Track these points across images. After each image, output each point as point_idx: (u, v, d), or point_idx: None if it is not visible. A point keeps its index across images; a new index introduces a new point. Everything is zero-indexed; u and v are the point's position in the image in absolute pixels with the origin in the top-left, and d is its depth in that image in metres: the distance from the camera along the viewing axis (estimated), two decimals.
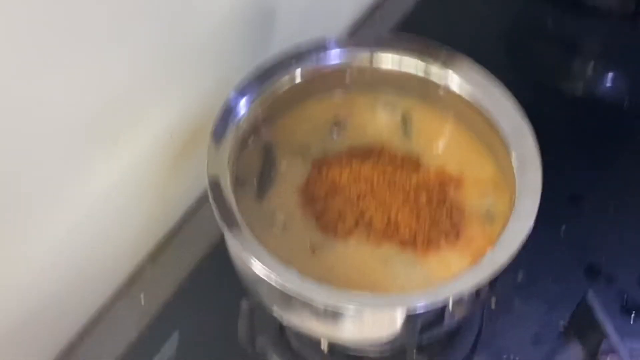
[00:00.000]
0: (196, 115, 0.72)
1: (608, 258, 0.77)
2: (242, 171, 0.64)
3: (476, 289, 0.58)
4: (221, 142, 0.62)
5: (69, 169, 0.62)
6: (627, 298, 0.74)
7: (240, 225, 0.58)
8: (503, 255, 0.57)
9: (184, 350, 0.70)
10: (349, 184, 0.64)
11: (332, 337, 0.61)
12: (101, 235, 0.69)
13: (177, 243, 0.78)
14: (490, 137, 0.66)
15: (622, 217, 0.80)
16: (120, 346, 0.71)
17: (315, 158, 0.67)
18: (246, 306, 0.67)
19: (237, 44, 0.74)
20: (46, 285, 0.66)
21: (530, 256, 0.73)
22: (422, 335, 0.60)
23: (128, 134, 0.66)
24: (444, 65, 0.67)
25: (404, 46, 0.68)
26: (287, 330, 0.70)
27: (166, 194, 0.75)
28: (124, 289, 0.75)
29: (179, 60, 0.68)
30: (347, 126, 0.69)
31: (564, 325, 0.72)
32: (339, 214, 0.63)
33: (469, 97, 0.66)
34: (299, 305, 0.58)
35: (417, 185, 0.64)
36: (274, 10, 0.77)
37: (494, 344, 0.72)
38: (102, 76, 0.60)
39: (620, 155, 0.86)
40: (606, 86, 0.94)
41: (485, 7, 0.99)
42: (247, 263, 0.57)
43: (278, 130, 0.68)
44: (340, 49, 0.68)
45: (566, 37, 0.97)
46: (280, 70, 0.66)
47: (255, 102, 0.65)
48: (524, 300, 0.74)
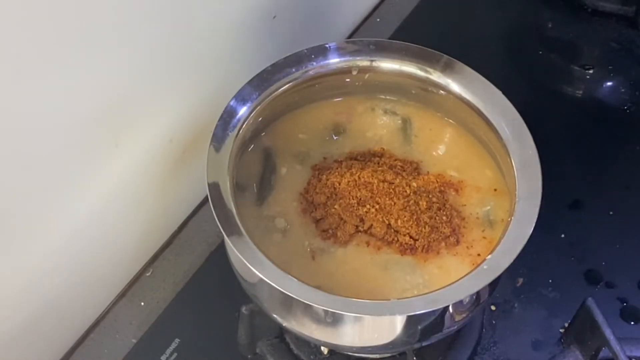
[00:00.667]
0: (196, 121, 0.72)
1: (608, 264, 0.77)
2: (242, 177, 0.64)
3: (476, 295, 0.59)
4: (221, 147, 0.62)
5: (69, 174, 0.62)
6: (627, 304, 0.74)
7: (240, 231, 0.58)
8: (503, 261, 0.57)
9: (184, 356, 0.70)
10: (349, 189, 0.64)
11: (331, 342, 0.61)
12: (101, 241, 0.69)
13: (177, 248, 0.78)
14: (490, 143, 0.66)
15: (622, 223, 0.80)
16: (120, 352, 0.71)
17: (315, 164, 0.67)
18: (246, 311, 0.67)
19: (238, 51, 0.75)
20: (46, 291, 0.66)
21: (530, 262, 0.74)
22: (422, 340, 0.60)
23: (128, 139, 0.66)
24: (443, 71, 0.67)
25: (404, 52, 0.68)
26: (287, 336, 0.70)
27: (166, 199, 0.75)
28: (124, 294, 0.75)
29: (180, 65, 0.68)
30: (347, 132, 0.70)
31: (563, 331, 0.72)
32: (339, 219, 0.63)
33: (469, 102, 0.66)
34: (298, 311, 0.58)
35: (417, 190, 0.64)
36: (275, 17, 0.77)
37: (493, 350, 0.72)
38: (102, 81, 0.60)
39: (621, 160, 0.86)
40: (606, 90, 0.94)
41: (484, 11, 1.00)
42: (247, 269, 0.57)
43: (278, 136, 0.68)
44: (340, 55, 0.68)
45: (566, 41, 0.98)
46: (281, 76, 0.66)
47: (255, 108, 0.65)
48: (523, 305, 0.74)
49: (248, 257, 0.56)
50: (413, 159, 0.68)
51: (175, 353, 0.70)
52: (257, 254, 0.57)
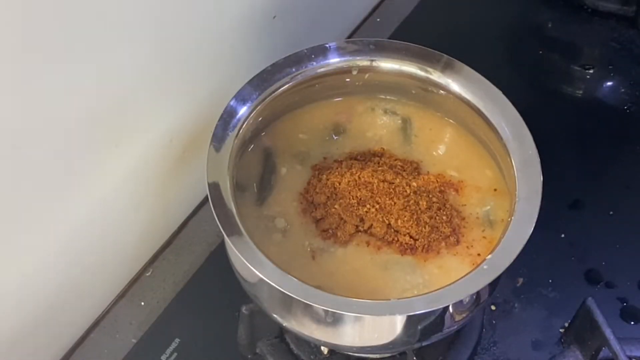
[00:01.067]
0: (196, 120, 0.72)
1: (608, 264, 0.77)
2: (242, 177, 0.64)
3: (476, 295, 0.59)
4: (221, 147, 0.62)
5: (69, 174, 0.62)
6: (627, 304, 0.74)
7: (240, 231, 0.58)
8: (503, 261, 0.57)
9: (184, 356, 0.70)
10: (349, 189, 0.64)
11: (331, 342, 0.61)
12: (101, 241, 0.69)
13: (177, 248, 0.78)
14: (490, 143, 0.66)
15: (622, 223, 0.80)
16: (120, 352, 0.71)
17: (315, 163, 0.67)
18: (246, 311, 0.67)
19: (238, 51, 0.75)
20: (46, 291, 0.66)
21: (530, 262, 0.74)
22: (422, 340, 0.60)
23: (128, 139, 0.66)
24: (443, 71, 0.67)
25: (404, 52, 0.68)
26: (287, 336, 0.70)
27: (166, 199, 0.75)
28: (124, 294, 0.75)
29: (180, 65, 0.68)
30: (347, 132, 0.70)
31: (563, 331, 0.72)
32: (339, 219, 0.63)
33: (469, 102, 0.66)
34: (298, 311, 0.58)
35: (417, 190, 0.64)
36: (275, 17, 0.77)
37: (493, 350, 0.72)
38: (102, 81, 0.60)
39: (621, 160, 0.86)
40: (606, 90, 0.94)
41: (484, 11, 1.00)
42: (247, 269, 0.57)
43: (278, 135, 0.68)
44: (340, 55, 0.68)
45: (566, 41, 0.97)
46: (281, 76, 0.66)
47: (255, 108, 0.65)
48: (523, 305, 0.74)
49: (248, 257, 0.56)
50: (413, 158, 0.68)
51: (175, 353, 0.70)
52: (257, 254, 0.57)
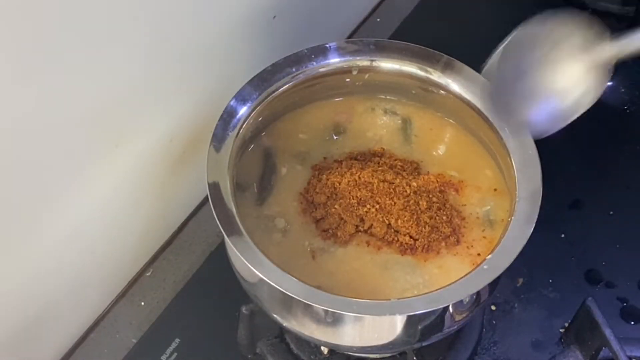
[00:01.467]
0: (196, 120, 0.72)
1: (608, 264, 0.77)
2: (242, 177, 0.64)
3: (476, 295, 0.59)
4: (221, 147, 0.62)
5: (69, 173, 0.62)
6: (627, 304, 0.74)
7: (241, 231, 0.58)
8: (503, 261, 0.57)
9: (184, 356, 0.70)
10: (349, 189, 0.64)
11: (332, 342, 0.61)
12: (101, 241, 0.69)
13: (177, 248, 0.78)
14: (490, 143, 0.66)
15: (622, 223, 0.80)
16: (120, 352, 0.71)
17: (315, 163, 0.67)
18: (246, 311, 0.67)
19: (238, 51, 0.75)
20: (46, 291, 0.66)
21: (530, 262, 0.74)
22: (422, 340, 0.60)
23: (128, 139, 0.66)
24: (443, 71, 0.67)
25: (404, 52, 0.68)
26: (287, 336, 0.70)
27: (166, 199, 0.75)
28: (124, 294, 0.75)
29: (180, 65, 0.68)
30: (347, 132, 0.70)
31: (563, 331, 0.72)
32: (339, 219, 0.63)
33: (469, 102, 0.66)
34: (299, 311, 0.58)
35: (417, 190, 0.64)
36: (275, 17, 0.77)
37: (493, 350, 0.72)
38: (102, 81, 0.60)
39: (621, 160, 0.86)
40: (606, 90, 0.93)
41: (484, 11, 0.99)
42: (247, 269, 0.57)
43: (278, 135, 0.68)
44: (340, 55, 0.68)
45: None
46: (281, 76, 0.66)
47: (255, 108, 0.65)
48: (523, 305, 0.74)
49: (248, 257, 0.56)
50: (413, 158, 0.68)
51: (175, 353, 0.70)
52: (257, 254, 0.57)
